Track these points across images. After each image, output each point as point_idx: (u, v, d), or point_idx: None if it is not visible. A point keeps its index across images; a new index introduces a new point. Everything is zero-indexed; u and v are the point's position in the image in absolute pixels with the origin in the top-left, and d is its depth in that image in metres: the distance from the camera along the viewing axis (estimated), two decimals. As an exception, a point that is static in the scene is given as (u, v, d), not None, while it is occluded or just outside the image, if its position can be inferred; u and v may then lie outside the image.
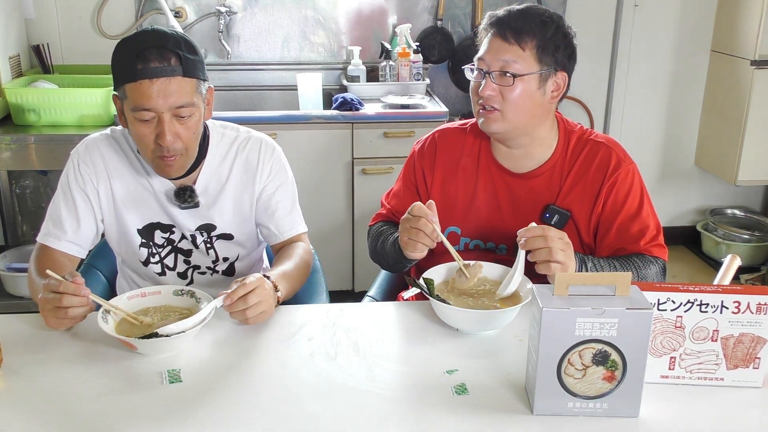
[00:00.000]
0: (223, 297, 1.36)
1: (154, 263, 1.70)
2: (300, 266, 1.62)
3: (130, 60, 1.44)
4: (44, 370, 1.28)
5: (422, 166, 1.74)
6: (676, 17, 3.53)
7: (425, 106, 3.02)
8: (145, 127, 1.48)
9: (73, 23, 3.23)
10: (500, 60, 1.54)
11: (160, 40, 1.46)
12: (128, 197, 1.64)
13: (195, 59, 1.50)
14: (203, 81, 1.54)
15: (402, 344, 1.40)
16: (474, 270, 1.48)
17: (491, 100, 1.57)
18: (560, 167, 1.64)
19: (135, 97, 1.45)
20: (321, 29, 3.38)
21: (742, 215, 3.80)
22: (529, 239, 1.42)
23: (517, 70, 1.53)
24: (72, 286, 1.32)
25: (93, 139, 1.66)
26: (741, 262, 1.53)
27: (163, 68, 1.44)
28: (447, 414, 1.17)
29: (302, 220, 1.76)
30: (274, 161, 1.70)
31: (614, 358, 1.12)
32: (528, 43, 1.53)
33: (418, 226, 1.46)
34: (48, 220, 1.64)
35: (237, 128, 1.72)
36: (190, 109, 1.50)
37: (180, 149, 1.52)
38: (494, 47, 1.56)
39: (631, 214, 1.61)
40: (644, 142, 3.73)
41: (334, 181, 2.99)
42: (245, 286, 1.37)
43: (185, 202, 1.63)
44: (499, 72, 1.55)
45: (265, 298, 1.39)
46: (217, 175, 1.67)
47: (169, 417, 1.16)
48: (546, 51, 1.54)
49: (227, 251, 1.73)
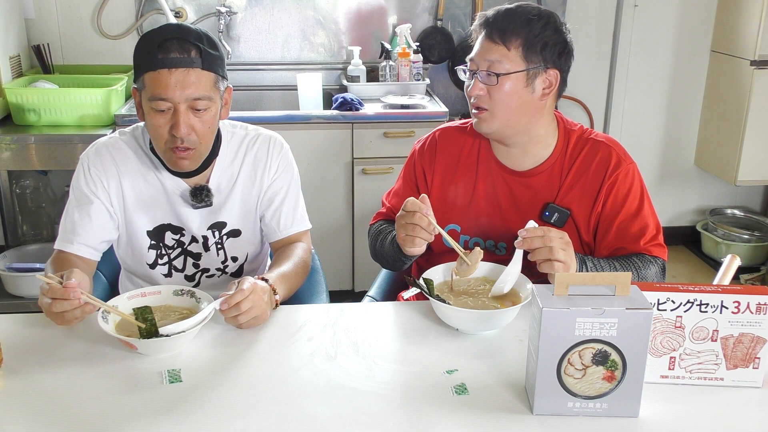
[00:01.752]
0: (221, 300, 1.36)
1: (161, 265, 1.70)
2: (298, 267, 1.63)
3: (151, 50, 1.46)
4: (44, 370, 1.28)
5: (422, 165, 1.75)
6: (676, 17, 3.53)
7: (425, 106, 3.02)
8: (161, 117, 1.49)
9: (73, 23, 3.23)
10: (486, 60, 1.56)
11: (182, 33, 1.48)
12: (138, 198, 1.64)
13: (215, 54, 1.51)
14: (222, 78, 1.55)
15: (402, 344, 1.40)
16: (474, 256, 1.48)
17: (480, 100, 1.59)
18: (560, 166, 1.64)
19: (153, 86, 1.47)
20: (321, 29, 3.38)
21: (742, 215, 3.80)
22: (528, 239, 1.42)
23: (502, 69, 1.55)
24: (59, 291, 1.30)
25: (102, 143, 1.66)
26: (741, 262, 1.53)
27: (182, 59, 1.46)
28: (447, 414, 1.17)
29: (305, 218, 1.77)
30: (281, 158, 1.71)
31: (614, 358, 1.12)
32: (513, 42, 1.54)
33: (414, 221, 1.46)
34: (62, 227, 1.63)
35: (246, 126, 1.74)
36: (207, 103, 1.51)
37: (194, 142, 1.53)
38: (482, 48, 1.58)
39: (630, 214, 1.61)
40: (644, 142, 3.73)
41: (334, 181, 2.99)
42: (242, 292, 1.37)
43: (201, 201, 1.63)
44: (486, 72, 1.56)
45: (257, 303, 1.39)
46: (228, 174, 1.68)
47: (169, 417, 1.16)
48: (532, 49, 1.54)
49: (236, 250, 1.73)
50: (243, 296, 1.36)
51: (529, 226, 1.46)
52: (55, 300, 1.30)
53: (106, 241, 1.65)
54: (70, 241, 1.60)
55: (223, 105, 1.58)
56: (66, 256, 1.59)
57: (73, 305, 1.31)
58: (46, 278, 1.33)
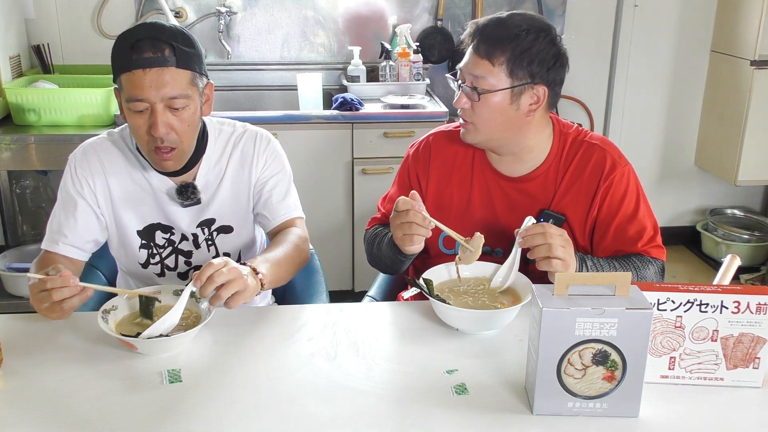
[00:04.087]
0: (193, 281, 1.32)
1: (153, 264, 1.70)
2: (290, 251, 1.58)
3: (125, 50, 1.45)
4: (44, 370, 1.28)
5: (416, 171, 1.73)
6: (676, 17, 3.53)
7: (425, 106, 3.02)
8: (139, 117, 1.49)
9: (73, 23, 3.23)
10: (471, 74, 1.54)
11: (155, 31, 1.47)
12: (126, 198, 1.64)
13: (190, 52, 1.50)
14: (200, 74, 1.54)
15: (402, 344, 1.40)
16: (476, 242, 1.47)
17: (464, 113, 1.58)
18: (555, 170, 1.63)
19: (129, 87, 1.47)
20: (321, 29, 3.38)
21: (742, 215, 3.80)
22: (527, 236, 1.42)
23: (486, 85, 1.52)
24: (59, 279, 1.31)
25: (89, 143, 1.67)
26: (741, 262, 1.53)
27: (156, 58, 1.45)
28: (447, 414, 1.17)
29: (298, 206, 1.75)
30: (269, 152, 1.71)
31: (614, 358, 1.12)
32: (498, 59, 1.51)
33: (408, 219, 1.45)
34: (48, 227, 1.64)
35: (233, 123, 1.74)
36: (184, 101, 1.50)
37: (174, 141, 1.52)
38: (469, 60, 1.55)
39: (627, 217, 1.60)
40: (644, 142, 3.73)
41: (334, 181, 2.99)
42: (211, 265, 1.32)
43: (188, 199, 1.63)
44: (469, 87, 1.54)
45: (235, 276, 1.32)
46: (215, 171, 1.68)
47: (169, 417, 1.16)
48: (518, 65, 1.50)
49: (228, 246, 1.73)
50: (213, 269, 1.31)
51: (527, 224, 1.46)
52: (54, 289, 1.31)
53: (93, 241, 1.65)
54: (56, 241, 1.60)
55: (204, 102, 1.57)
56: (52, 257, 1.59)
57: (73, 292, 1.32)
58: (36, 275, 1.33)
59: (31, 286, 1.36)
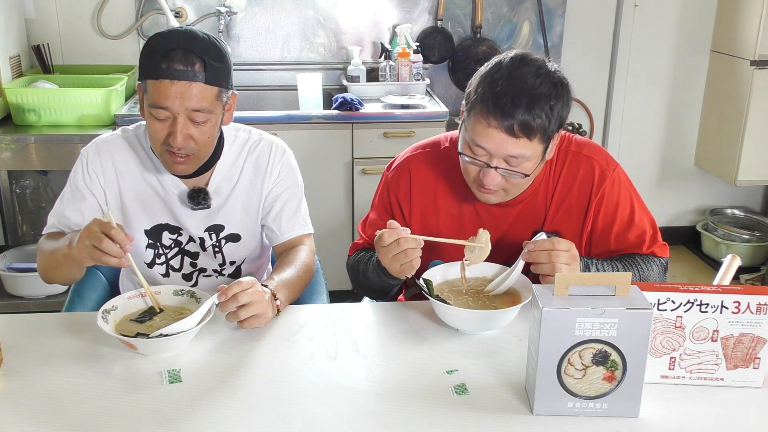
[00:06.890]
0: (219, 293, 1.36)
1: (159, 264, 1.70)
2: (301, 272, 1.60)
3: (156, 57, 1.44)
4: (44, 370, 1.28)
5: (397, 197, 1.67)
6: (676, 17, 3.53)
7: (425, 106, 3.02)
8: (159, 123, 1.49)
9: (73, 23, 3.23)
10: (507, 155, 1.42)
11: (189, 42, 1.45)
12: (137, 198, 1.64)
13: (220, 67, 1.49)
14: (227, 89, 1.53)
15: (402, 344, 1.40)
16: (482, 237, 1.44)
17: (496, 186, 1.48)
18: (544, 189, 1.59)
19: (154, 94, 1.46)
20: (321, 29, 3.38)
21: (742, 215, 3.80)
22: (533, 252, 1.40)
23: (525, 161, 1.43)
24: (122, 236, 1.35)
25: (104, 140, 1.66)
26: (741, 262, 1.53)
27: (186, 72, 1.44)
28: (447, 414, 1.17)
29: (308, 222, 1.75)
30: (283, 163, 1.70)
31: (614, 358, 1.12)
32: (535, 133, 1.40)
33: (401, 248, 1.41)
34: (53, 216, 1.64)
35: (249, 130, 1.72)
36: (206, 115, 1.49)
37: (192, 149, 1.52)
38: (497, 140, 1.41)
39: (625, 224, 1.59)
40: (644, 142, 3.72)
41: (334, 181, 2.99)
42: (240, 284, 1.36)
43: (199, 203, 1.63)
44: (507, 169, 1.44)
45: (258, 299, 1.37)
46: (228, 177, 1.67)
47: (169, 417, 1.16)
48: (553, 127, 1.43)
49: (235, 254, 1.72)
50: (241, 288, 1.35)
51: (537, 238, 1.43)
52: (107, 240, 1.34)
53: None
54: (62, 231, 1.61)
55: (225, 111, 1.56)
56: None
57: (119, 254, 1.35)
58: (112, 220, 1.37)
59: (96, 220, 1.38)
